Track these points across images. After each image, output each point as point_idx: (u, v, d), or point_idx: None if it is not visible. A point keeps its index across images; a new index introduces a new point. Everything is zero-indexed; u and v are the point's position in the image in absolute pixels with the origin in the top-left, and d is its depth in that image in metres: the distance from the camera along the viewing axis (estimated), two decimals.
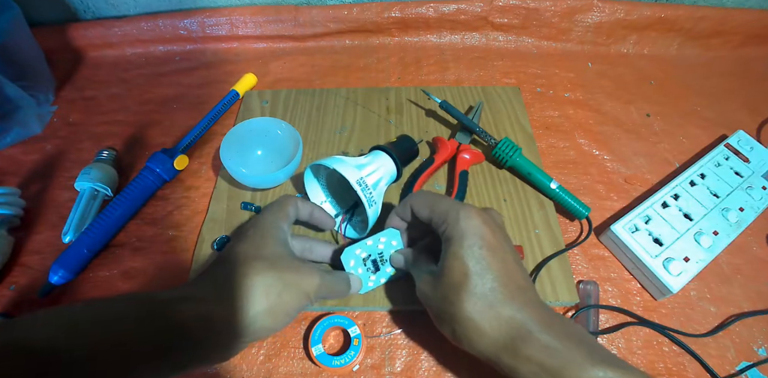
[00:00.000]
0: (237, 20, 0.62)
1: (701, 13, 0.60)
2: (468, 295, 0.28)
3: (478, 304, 0.28)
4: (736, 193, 0.45)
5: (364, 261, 0.37)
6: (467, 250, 0.29)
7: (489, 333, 0.27)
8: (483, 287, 0.28)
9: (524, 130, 0.51)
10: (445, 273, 0.30)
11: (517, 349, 0.27)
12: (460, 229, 0.30)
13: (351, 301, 0.38)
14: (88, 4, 0.63)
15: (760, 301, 0.41)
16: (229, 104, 0.54)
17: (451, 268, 0.29)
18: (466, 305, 0.28)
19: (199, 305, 0.28)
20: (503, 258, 0.30)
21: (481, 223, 0.30)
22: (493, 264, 0.29)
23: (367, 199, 0.37)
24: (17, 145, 0.52)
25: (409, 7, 0.61)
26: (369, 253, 0.37)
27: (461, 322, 0.28)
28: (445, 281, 0.30)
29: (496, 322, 0.27)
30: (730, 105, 0.57)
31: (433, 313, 0.31)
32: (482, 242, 0.29)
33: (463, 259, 0.29)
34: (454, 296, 0.29)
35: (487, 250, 0.29)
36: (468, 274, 0.29)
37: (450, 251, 0.30)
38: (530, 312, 0.28)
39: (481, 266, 0.29)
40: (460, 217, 0.30)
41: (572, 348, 0.26)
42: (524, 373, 0.26)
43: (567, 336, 0.27)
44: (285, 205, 0.36)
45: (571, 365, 0.25)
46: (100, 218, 0.43)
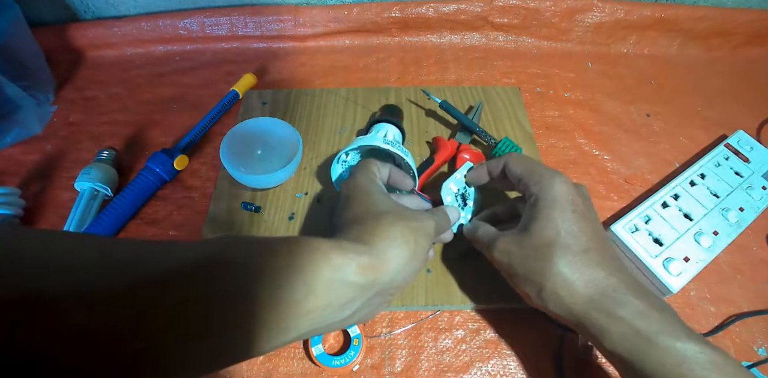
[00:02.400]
0: (237, 20, 0.62)
1: (701, 13, 0.60)
2: (562, 253, 0.29)
3: (572, 262, 0.29)
4: (736, 193, 0.45)
5: (456, 196, 0.40)
6: (560, 212, 0.30)
7: (582, 291, 0.28)
8: (577, 247, 0.29)
9: (524, 130, 0.51)
10: (535, 231, 0.30)
11: (611, 309, 0.27)
12: (554, 192, 0.31)
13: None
14: (88, 4, 0.63)
15: (760, 301, 0.41)
16: (229, 104, 0.54)
17: (544, 226, 0.30)
18: (559, 262, 0.29)
19: (360, 257, 0.25)
20: (594, 225, 0.31)
21: (574, 190, 0.31)
22: (586, 228, 0.30)
23: (401, 151, 0.40)
24: (17, 145, 0.52)
25: (409, 7, 0.61)
26: (458, 187, 0.40)
27: (551, 278, 0.29)
28: (534, 239, 0.30)
29: (591, 281, 0.28)
30: (730, 105, 0.57)
31: (515, 270, 0.31)
32: (574, 207, 0.31)
33: (557, 219, 0.30)
34: (545, 253, 0.29)
35: (579, 214, 0.30)
36: (561, 233, 0.29)
37: (542, 211, 0.31)
38: (623, 277, 0.29)
39: (575, 228, 0.30)
40: (555, 181, 0.31)
41: (666, 317, 0.27)
42: (615, 332, 0.27)
43: (660, 306, 0.27)
44: (370, 165, 0.36)
45: (665, 333, 0.26)
46: (100, 218, 0.43)
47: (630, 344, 0.26)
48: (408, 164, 0.40)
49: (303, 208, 0.45)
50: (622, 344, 0.27)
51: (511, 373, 0.36)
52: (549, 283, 0.29)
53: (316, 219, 0.44)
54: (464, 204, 0.41)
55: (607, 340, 0.27)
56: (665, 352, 0.25)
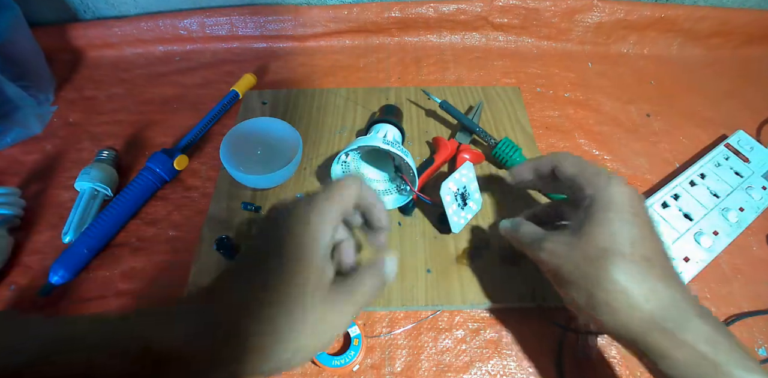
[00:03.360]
0: (237, 20, 0.62)
1: (701, 13, 0.60)
2: (620, 260, 0.26)
3: (631, 271, 0.26)
4: (736, 193, 0.45)
5: (455, 196, 0.39)
6: (619, 215, 0.28)
7: (641, 305, 0.25)
8: (637, 255, 0.26)
9: (524, 130, 0.51)
10: (590, 234, 0.28)
11: (675, 331, 0.25)
12: (611, 194, 0.29)
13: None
14: (88, 4, 0.63)
15: (760, 301, 0.41)
16: (229, 104, 0.54)
17: (600, 230, 0.28)
18: (616, 270, 0.26)
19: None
20: (653, 232, 0.28)
21: (632, 193, 0.29)
22: (646, 234, 0.28)
23: (401, 151, 0.40)
24: (17, 145, 0.52)
25: (409, 7, 0.61)
26: (458, 186, 0.40)
27: (606, 287, 0.26)
28: (589, 242, 0.28)
29: (652, 295, 0.25)
30: (730, 105, 0.57)
31: (563, 273, 0.28)
32: (634, 210, 0.28)
33: (615, 222, 0.27)
34: (600, 258, 0.26)
35: (640, 219, 0.28)
36: (619, 238, 0.27)
37: (598, 213, 0.28)
38: (684, 293, 0.26)
39: (635, 233, 0.27)
40: (612, 183, 0.29)
41: (733, 345, 0.25)
42: (679, 358, 0.25)
43: (724, 330, 0.25)
44: (324, 207, 0.24)
45: (733, 362, 0.24)
46: (100, 218, 0.43)
47: (695, 372, 0.24)
48: (408, 164, 0.40)
49: None
50: (685, 371, 0.24)
51: (511, 373, 0.36)
52: (602, 292, 0.26)
53: None
54: (464, 204, 0.41)
55: (668, 364, 0.25)
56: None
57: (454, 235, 0.42)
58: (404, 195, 0.44)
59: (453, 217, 0.40)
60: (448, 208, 0.39)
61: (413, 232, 0.43)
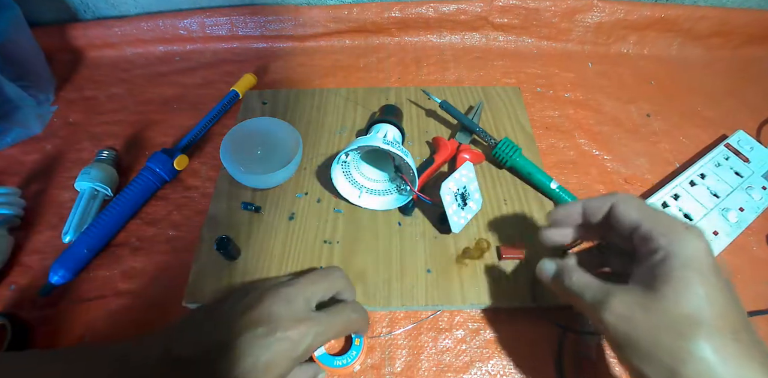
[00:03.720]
0: (237, 20, 0.62)
1: (701, 13, 0.60)
2: (710, 334, 0.22)
3: (722, 348, 0.22)
4: (736, 193, 0.45)
5: (455, 196, 0.39)
6: (703, 277, 0.24)
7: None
8: (726, 327, 0.23)
9: (524, 130, 0.51)
10: (669, 296, 0.24)
11: None
12: (691, 249, 0.25)
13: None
14: (88, 4, 0.63)
15: (760, 301, 0.41)
16: (229, 104, 0.54)
17: (682, 293, 0.24)
18: (707, 346, 0.22)
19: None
20: (736, 297, 0.25)
21: (709, 249, 0.25)
22: (731, 302, 0.24)
23: (401, 151, 0.40)
24: (17, 145, 0.52)
25: (409, 7, 0.61)
26: (458, 186, 0.40)
27: (693, 364, 0.22)
28: (670, 307, 0.24)
29: (748, 374, 0.22)
30: (730, 105, 0.57)
31: (636, 342, 0.24)
32: (717, 270, 0.24)
33: (699, 286, 0.23)
34: (686, 330, 0.23)
35: (724, 283, 0.24)
36: (707, 307, 0.23)
37: (676, 272, 0.24)
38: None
39: (723, 301, 0.24)
40: (691, 236, 0.25)
41: None
42: None
43: None
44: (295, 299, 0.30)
45: None
46: (100, 218, 0.43)
47: None
48: (408, 164, 0.40)
49: (303, 208, 0.45)
50: None
51: (511, 373, 0.36)
52: (688, 370, 0.22)
53: (316, 219, 0.44)
54: (464, 204, 0.41)
55: None
56: None
57: (454, 235, 0.42)
58: (404, 195, 0.44)
59: (453, 217, 0.40)
60: (448, 208, 0.39)
61: (413, 232, 0.43)
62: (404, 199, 0.43)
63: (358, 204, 0.44)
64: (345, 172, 0.44)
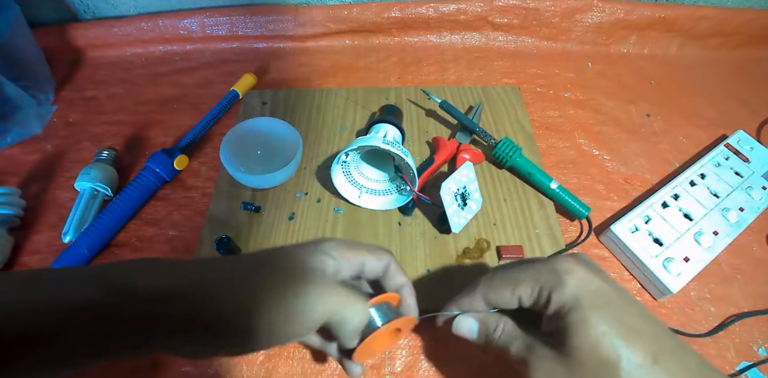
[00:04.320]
0: (237, 20, 0.62)
1: (701, 13, 0.60)
2: (631, 374, 0.22)
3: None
4: (736, 193, 0.45)
5: (455, 196, 0.40)
6: (598, 320, 0.23)
7: None
8: (645, 359, 0.23)
9: (524, 130, 0.51)
10: (579, 348, 0.23)
11: None
12: (572, 294, 0.24)
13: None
14: (88, 4, 0.63)
15: (760, 301, 0.41)
16: (229, 104, 0.54)
17: (587, 341, 0.23)
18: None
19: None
20: (640, 312, 0.25)
21: (589, 275, 0.25)
22: (638, 324, 0.24)
23: (401, 151, 0.40)
24: (17, 145, 0.52)
25: (409, 7, 0.61)
26: (458, 186, 0.40)
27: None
28: (585, 360, 0.23)
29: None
30: (730, 105, 0.57)
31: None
32: (606, 301, 0.24)
33: (596, 325, 0.23)
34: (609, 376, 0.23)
35: (619, 312, 0.24)
36: (615, 345, 0.23)
37: (574, 325, 0.24)
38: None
39: (627, 331, 0.23)
40: (564, 278, 0.25)
41: None
42: None
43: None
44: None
45: None
46: (100, 218, 0.43)
47: None
48: (408, 164, 0.40)
49: (303, 208, 0.45)
50: None
51: None
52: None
53: (316, 219, 0.44)
54: (464, 204, 0.41)
55: None
56: None
57: (454, 235, 0.42)
58: (404, 195, 0.44)
59: (453, 217, 0.40)
60: (448, 208, 0.39)
61: (413, 232, 0.43)
62: (404, 199, 0.43)
63: (358, 204, 0.44)
64: (345, 172, 0.44)
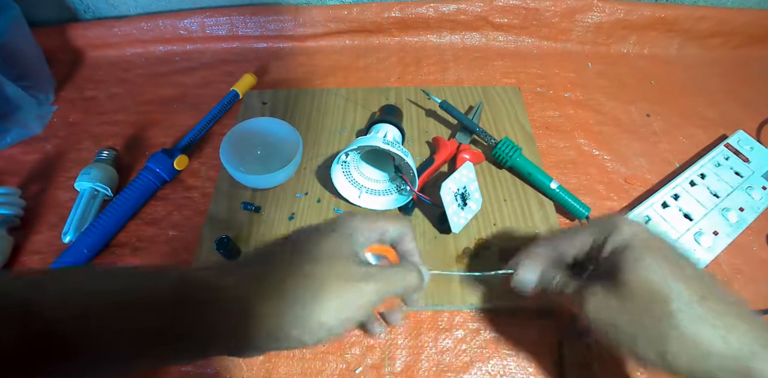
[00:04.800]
0: (237, 20, 0.62)
1: (701, 13, 0.60)
2: (680, 306, 0.24)
3: (695, 316, 0.24)
4: (736, 193, 0.45)
5: (455, 196, 0.39)
6: (651, 259, 0.26)
7: (717, 351, 0.24)
8: (694, 296, 0.25)
9: (524, 130, 0.51)
10: (633, 282, 0.25)
11: (751, 371, 0.23)
12: (627, 236, 0.27)
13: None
14: (88, 4, 0.63)
15: (760, 301, 0.41)
16: (229, 104, 0.54)
17: (643, 275, 0.25)
18: (683, 318, 0.24)
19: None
20: (691, 265, 0.27)
21: (642, 226, 0.28)
22: (690, 271, 0.26)
23: (401, 151, 0.40)
24: (17, 145, 0.52)
25: (409, 7, 0.61)
26: (458, 186, 0.40)
27: (677, 339, 0.24)
28: (637, 291, 0.25)
29: (725, 337, 0.24)
30: (730, 105, 0.57)
31: (621, 329, 0.26)
32: (658, 245, 0.27)
33: (653, 264, 0.26)
34: (659, 309, 0.25)
35: (675, 254, 0.27)
36: (668, 281, 0.25)
37: (630, 261, 0.26)
38: (752, 327, 0.24)
39: (680, 272, 0.26)
40: (620, 225, 0.28)
41: None
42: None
43: None
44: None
45: None
46: (100, 218, 0.43)
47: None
48: (408, 164, 0.40)
49: (303, 208, 0.45)
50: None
51: (511, 373, 0.36)
52: (674, 345, 0.24)
53: (316, 219, 0.44)
54: (464, 204, 0.41)
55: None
56: None
57: (454, 235, 0.42)
58: (404, 195, 0.44)
59: (453, 217, 0.40)
60: (448, 208, 0.39)
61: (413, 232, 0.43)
62: (404, 199, 0.43)
63: (358, 204, 0.44)
64: (345, 172, 0.44)
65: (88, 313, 0.21)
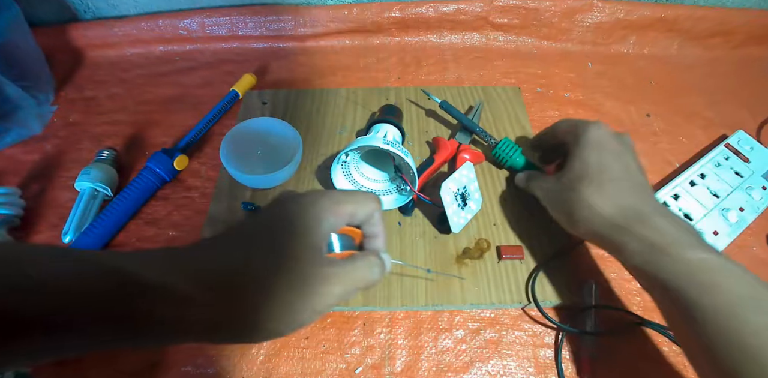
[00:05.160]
0: (237, 20, 0.62)
1: (701, 13, 0.60)
2: (588, 183, 0.34)
3: (597, 190, 0.33)
4: (736, 193, 0.45)
5: (455, 196, 0.40)
6: (590, 151, 0.35)
7: (606, 214, 0.32)
8: (604, 177, 0.33)
9: (524, 130, 0.51)
10: (568, 169, 0.36)
11: (631, 228, 0.31)
12: (587, 135, 0.36)
13: (351, 301, 0.38)
14: (88, 4, 0.63)
15: None
16: (229, 104, 0.54)
17: (575, 165, 0.35)
18: (585, 190, 0.33)
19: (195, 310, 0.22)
20: (624, 161, 0.35)
21: (607, 134, 0.36)
22: (615, 162, 0.34)
23: (401, 151, 0.40)
24: (17, 145, 0.52)
25: (409, 7, 0.61)
26: (458, 186, 0.40)
27: (580, 205, 0.33)
28: (568, 175, 0.35)
29: (615, 206, 0.32)
30: (730, 105, 0.57)
31: (551, 201, 0.37)
32: (604, 146, 0.35)
33: (588, 156, 0.35)
34: (576, 185, 0.34)
35: (609, 152, 0.35)
36: (590, 167, 0.34)
37: (576, 151, 0.36)
38: (646, 201, 0.33)
39: (604, 162, 0.34)
40: (590, 128, 0.36)
41: (681, 232, 0.30)
42: (632, 247, 0.30)
43: (676, 223, 0.31)
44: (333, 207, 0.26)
45: (677, 244, 0.29)
46: (100, 218, 0.43)
47: (645, 259, 0.30)
48: (408, 164, 0.40)
49: None
50: (639, 259, 0.30)
51: (511, 373, 0.36)
52: (578, 209, 0.34)
53: None
54: (464, 204, 0.41)
55: (625, 256, 0.31)
56: (676, 261, 0.28)
57: (454, 235, 0.42)
58: (404, 195, 0.44)
59: (453, 217, 0.40)
60: (448, 208, 0.39)
61: (413, 232, 0.43)
62: (404, 199, 0.43)
63: None
64: (345, 172, 0.44)
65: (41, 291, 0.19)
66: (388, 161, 0.45)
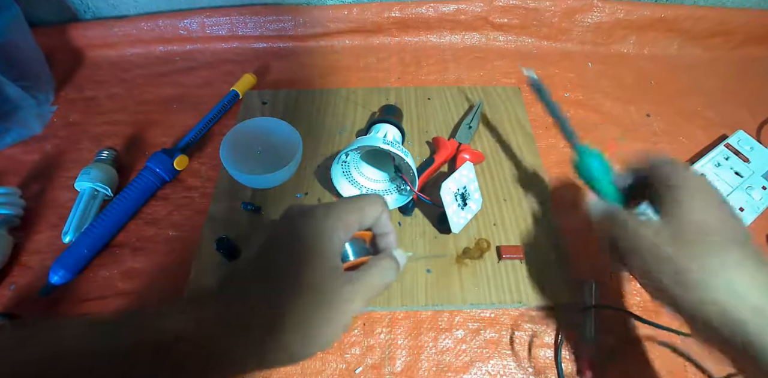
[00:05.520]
0: (237, 20, 0.62)
1: (701, 13, 0.60)
2: (718, 252, 0.25)
3: (737, 265, 0.25)
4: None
5: (455, 196, 0.40)
6: (706, 202, 0.27)
7: (749, 294, 0.24)
8: (734, 236, 0.26)
9: (524, 130, 0.51)
10: (684, 214, 0.27)
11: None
12: (692, 181, 0.29)
13: None
14: (88, 4, 0.63)
15: None
16: (229, 104, 0.54)
17: (693, 209, 0.27)
18: (721, 264, 0.25)
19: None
20: (737, 218, 0.28)
21: (707, 181, 0.30)
22: (736, 222, 0.27)
23: (401, 151, 0.40)
24: (17, 145, 0.52)
25: (409, 7, 0.61)
26: (458, 186, 0.40)
27: (710, 281, 0.25)
28: (684, 231, 0.27)
29: (756, 289, 0.24)
30: (730, 105, 0.57)
31: (655, 264, 0.27)
32: (717, 196, 0.28)
33: (705, 210, 0.27)
34: (698, 250, 0.26)
35: (726, 205, 0.28)
36: (715, 218, 0.27)
37: (685, 200, 0.28)
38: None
39: (723, 218, 0.27)
40: (688, 171, 0.30)
41: None
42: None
43: None
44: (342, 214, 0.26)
45: None
46: (100, 218, 0.43)
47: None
48: (408, 164, 0.40)
49: None
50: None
51: (511, 373, 0.36)
52: (698, 273, 0.25)
53: None
54: (464, 204, 0.41)
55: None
56: None
57: (454, 235, 0.42)
58: (404, 195, 0.44)
59: (453, 217, 0.40)
60: (448, 208, 0.39)
61: (413, 232, 0.43)
62: (404, 199, 0.43)
63: None
64: (345, 172, 0.44)
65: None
66: (388, 161, 0.45)
